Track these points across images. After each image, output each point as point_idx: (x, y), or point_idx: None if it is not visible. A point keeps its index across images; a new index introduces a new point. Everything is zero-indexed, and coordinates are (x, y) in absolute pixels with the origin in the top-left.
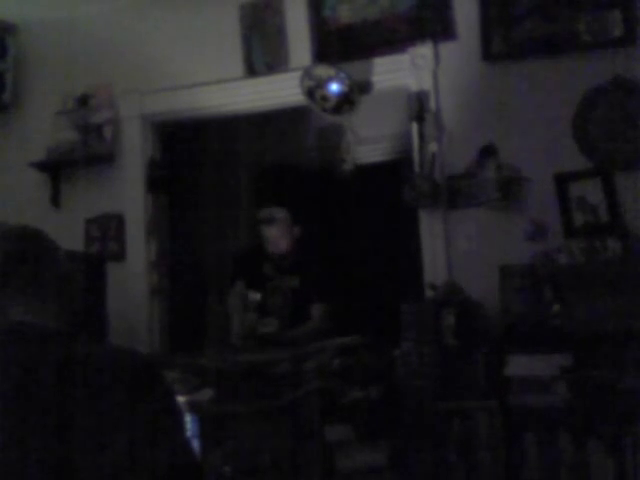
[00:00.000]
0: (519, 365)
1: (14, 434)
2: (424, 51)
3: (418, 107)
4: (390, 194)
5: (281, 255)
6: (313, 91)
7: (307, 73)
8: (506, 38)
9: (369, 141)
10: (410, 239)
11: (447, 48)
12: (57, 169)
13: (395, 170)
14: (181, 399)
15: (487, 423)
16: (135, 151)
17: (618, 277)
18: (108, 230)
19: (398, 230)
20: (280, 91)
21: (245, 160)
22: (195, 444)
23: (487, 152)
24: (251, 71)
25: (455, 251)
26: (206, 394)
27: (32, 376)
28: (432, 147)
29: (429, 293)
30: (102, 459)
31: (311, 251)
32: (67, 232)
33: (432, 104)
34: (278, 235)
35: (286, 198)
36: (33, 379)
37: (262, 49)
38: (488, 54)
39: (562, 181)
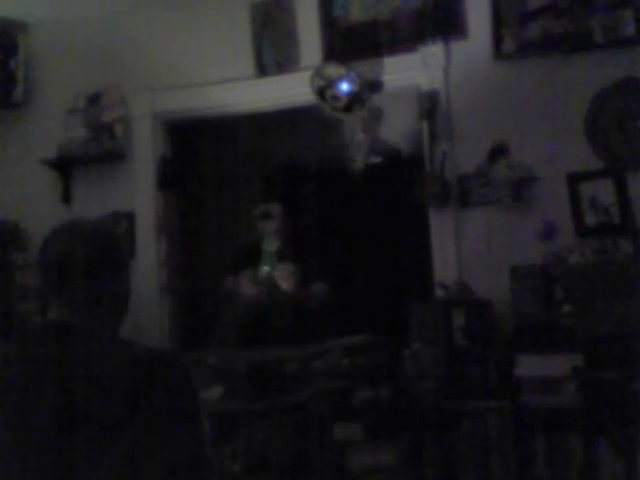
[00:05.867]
0: (529, 365)
1: (21, 427)
2: (435, 50)
3: (429, 106)
4: (400, 193)
5: (278, 249)
6: (324, 90)
7: (318, 72)
8: (517, 37)
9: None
10: (420, 238)
11: (458, 47)
12: (68, 167)
13: (406, 169)
14: None
15: (497, 423)
16: (146, 149)
17: (630, 277)
18: (119, 228)
19: (408, 229)
20: (291, 90)
21: (256, 158)
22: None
23: (498, 151)
24: (262, 70)
25: (465, 251)
26: (216, 392)
27: (58, 371)
28: (443, 146)
29: (439, 293)
30: (107, 453)
31: (309, 243)
32: None
33: (443, 103)
34: (274, 230)
35: (296, 196)
36: (59, 374)
37: (273, 48)
38: (499, 53)
39: (574, 181)
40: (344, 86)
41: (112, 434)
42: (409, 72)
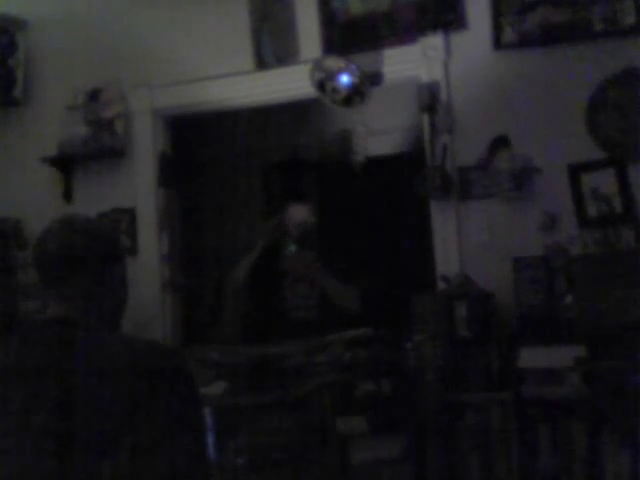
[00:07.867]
0: (532, 357)
1: (18, 427)
2: (435, 41)
3: (429, 98)
4: (402, 186)
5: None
6: (323, 83)
7: (317, 65)
8: (517, 27)
9: (380, 133)
10: (422, 231)
11: (458, 38)
12: (69, 164)
13: (406, 162)
14: None
15: (500, 415)
16: (146, 145)
17: (632, 268)
18: (120, 224)
19: (409, 222)
20: (290, 84)
21: (256, 153)
22: (208, 437)
23: (499, 143)
24: (261, 64)
25: (467, 243)
26: (219, 387)
27: (52, 367)
28: (444, 138)
29: (441, 285)
30: (103, 456)
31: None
32: None
33: (443, 95)
34: (306, 215)
35: (298, 191)
36: (52, 370)
37: (272, 42)
38: (499, 43)
39: (575, 172)
40: (344, 79)
41: (113, 431)
42: (409, 64)
